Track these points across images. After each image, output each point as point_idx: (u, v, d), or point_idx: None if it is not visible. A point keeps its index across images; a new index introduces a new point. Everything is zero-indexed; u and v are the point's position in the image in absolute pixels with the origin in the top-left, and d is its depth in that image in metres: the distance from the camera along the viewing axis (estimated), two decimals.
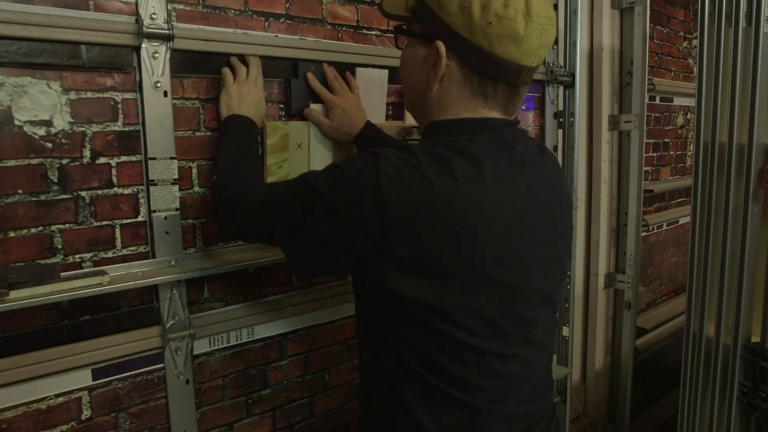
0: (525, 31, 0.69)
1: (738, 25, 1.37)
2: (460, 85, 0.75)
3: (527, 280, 0.75)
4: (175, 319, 1.10)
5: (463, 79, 0.74)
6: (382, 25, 1.36)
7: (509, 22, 0.68)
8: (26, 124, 0.93)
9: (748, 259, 1.39)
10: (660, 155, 2.57)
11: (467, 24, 0.69)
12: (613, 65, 2.16)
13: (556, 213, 0.79)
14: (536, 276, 0.76)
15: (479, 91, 0.74)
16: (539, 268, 0.76)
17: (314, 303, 1.31)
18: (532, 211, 0.74)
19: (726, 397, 1.46)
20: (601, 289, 2.26)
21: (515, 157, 0.74)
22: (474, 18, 0.69)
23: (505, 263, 0.71)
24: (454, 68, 0.74)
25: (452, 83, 0.75)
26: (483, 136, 0.74)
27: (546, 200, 0.77)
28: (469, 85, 0.74)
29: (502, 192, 0.70)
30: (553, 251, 0.79)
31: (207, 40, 1.06)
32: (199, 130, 1.11)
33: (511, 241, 0.71)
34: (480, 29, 0.69)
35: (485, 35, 0.69)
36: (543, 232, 0.76)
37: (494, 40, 0.69)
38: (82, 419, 1.04)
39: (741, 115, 1.39)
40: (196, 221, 1.13)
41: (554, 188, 0.79)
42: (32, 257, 0.96)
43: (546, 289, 0.79)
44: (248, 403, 1.26)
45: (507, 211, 0.71)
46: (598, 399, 2.34)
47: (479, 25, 0.69)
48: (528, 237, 0.74)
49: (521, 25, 0.69)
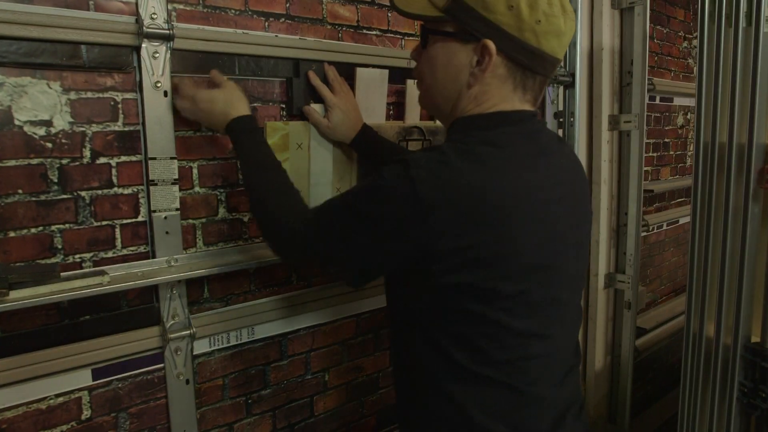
0: (565, 27, 0.75)
1: (738, 25, 1.37)
2: (502, 80, 0.78)
3: (561, 263, 0.79)
4: (175, 319, 1.10)
5: (506, 75, 0.78)
6: (382, 25, 1.36)
7: (555, 19, 0.74)
8: (26, 124, 0.93)
9: (748, 259, 1.39)
10: (660, 155, 2.57)
11: (516, 22, 0.73)
12: (613, 65, 2.16)
13: (579, 197, 0.84)
14: (568, 258, 0.80)
15: (520, 85, 0.79)
16: (570, 251, 0.80)
17: (314, 303, 1.31)
18: (559, 196, 0.78)
19: (726, 397, 1.46)
20: (601, 289, 2.26)
21: (541, 147, 0.78)
22: (523, 16, 0.73)
23: (541, 247, 0.75)
24: (499, 64, 0.77)
25: (494, 78, 0.78)
26: (511, 129, 0.77)
27: (570, 186, 0.81)
28: (512, 79, 0.78)
29: (533, 180, 0.74)
30: (580, 233, 0.84)
31: (207, 40, 1.06)
32: (199, 130, 1.11)
33: (545, 226, 0.75)
34: (529, 26, 0.73)
35: (534, 32, 0.73)
36: (570, 216, 0.80)
37: (542, 37, 0.74)
38: (82, 419, 1.04)
39: (741, 115, 1.39)
40: (196, 221, 1.13)
41: (575, 175, 0.84)
42: (32, 257, 0.96)
43: (576, 271, 0.84)
44: (248, 403, 1.26)
45: (538, 198, 0.74)
46: (598, 399, 2.34)
47: (528, 22, 0.73)
48: (558, 221, 0.77)
49: (562, 20, 0.74)
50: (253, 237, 1.22)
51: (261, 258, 1.15)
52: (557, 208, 0.77)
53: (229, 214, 1.18)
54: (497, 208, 0.70)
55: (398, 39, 1.40)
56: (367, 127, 1.20)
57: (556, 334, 0.80)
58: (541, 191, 0.75)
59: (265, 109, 1.18)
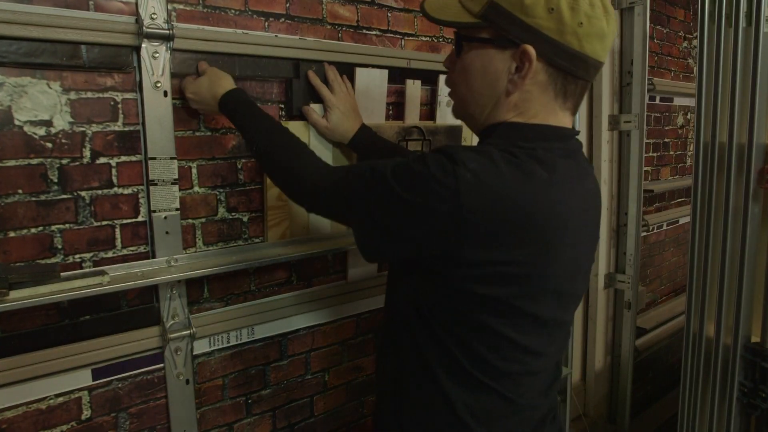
0: (608, 28, 0.72)
1: (738, 25, 1.37)
2: (543, 87, 0.74)
3: (573, 287, 0.78)
4: (175, 319, 1.10)
5: (547, 81, 0.74)
6: (382, 25, 1.36)
7: (597, 21, 0.70)
8: (26, 124, 0.93)
9: (748, 259, 1.39)
10: (660, 155, 2.57)
11: (557, 26, 0.70)
12: (613, 65, 2.16)
13: (598, 224, 0.83)
14: (578, 282, 0.79)
15: (561, 91, 0.75)
16: (581, 275, 0.80)
17: (314, 303, 1.31)
18: (588, 222, 0.77)
19: (726, 397, 1.46)
20: (601, 289, 2.26)
21: (578, 169, 0.76)
22: (564, 19, 0.69)
23: (568, 272, 0.74)
24: (539, 70, 0.73)
25: (534, 85, 0.74)
26: (555, 145, 0.74)
27: (596, 213, 0.81)
28: (553, 85, 0.74)
29: (573, 203, 0.72)
30: (590, 258, 0.83)
31: (207, 40, 1.06)
32: (199, 130, 1.11)
33: (575, 252, 0.74)
34: (571, 29, 0.70)
35: (576, 35, 0.70)
36: (589, 242, 0.80)
37: (584, 39, 0.70)
38: (82, 419, 1.04)
39: (741, 115, 1.39)
40: (196, 221, 1.13)
41: (599, 201, 0.83)
42: (32, 257, 0.96)
43: (580, 293, 0.83)
44: (248, 403, 1.26)
45: (576, 222, 0.73)
46: (598, 399, 2.34)
47: (570, 25, 0.69)
48: (582, 246, 0.77)
49: (604, 22, 0.71)
50: (252, 237, 1.22)
51: (261, 258, 1.15)
52: (585, 232, 0.77)
53: (229, 214, 1.18)
54: (539, 228, 0.68)
55: (398, 39, 1.40)
56: (365, 127, 1.19)
57: (550, 352, 0.81)
58: (579, 214, 0.74)
59: (264, 109, 1.18)
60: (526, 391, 0.80)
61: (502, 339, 0.74)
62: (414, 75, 1.37)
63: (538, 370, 0.80)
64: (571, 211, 0.72)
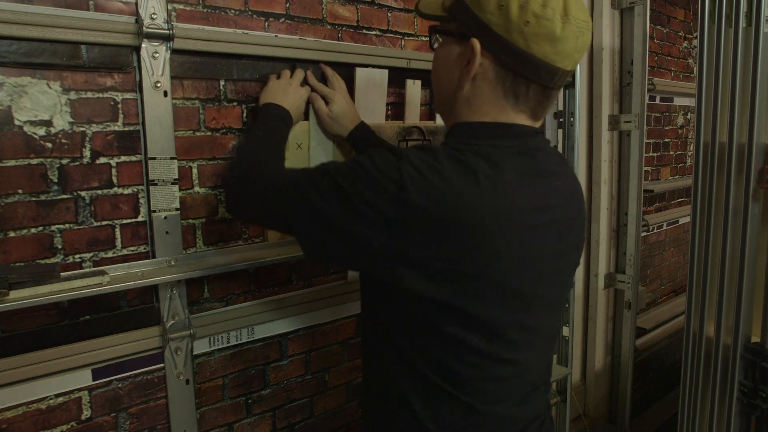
0: (562, 32, 0.69)
1: (738, 26, 1.37)
2: (492, 85, 0.74)
3: (536, 289, 0.75)
4: (175, 319, 1.10)
5: (496, 79, 0.74)
6: (382, 25, 1.36)
7: (547, 22, 0.68)
8: (26, 124, 0.93)
9: (748, 259, 1.39)
10: (660, 155, 2.57)
11: (504, 22, 0.69)
12: (613, 65, 2.16)
13: (572, 225, 0.79)
14: (544, 285, 0.77)
15: (511, 92, 0.74)
16: (548, 278, 0.77)
17: (314, 303, 1.31)
18: (549, 221, 0.74)
19: (726, 397, 1.46)
20: (601, 289, 2.26)
21: (536, 167, 0.74)
22: (512, 16, 0.69)
23: (519, 272, 0.72)
24: (488, 67, 0.73)
25: (484, 82, 0.75)
26: (507, 143, 0.74)
27: (563, 212, 0.77)
28: (502, 84, 0.74)
29: (522, 201, 0.71)
30: (563, 261, 0.80)
31: (207, 40, 1.06)
32: (199, 130, 1.11)
33: (527, 251, 0.72)
34: (517, 28, 0.69)
35: (522, 34, 0.69)
36: (556, 242, 0.77)
37: (531, 39, 0.69)
38: (82, 419, 1.04)
39: (741, 115, 1.39)
40: (196, 221, 1.13)
41: (572, 200, 0.80)
42: (32, 257, 0.96)
43: (553, 297, 0.80)
44: (248, 403, 1.26)
45: (525, 221, 0.71)
46: (598, 399, 2.34)
47: (516, 23, 0.69)
48: (542, 247, 0.74)
49: (558, 25, 0.69)
50: (253, 237, 1.22)
51: (261, 258, 1.15)
52: (544, 232, 0.74)
53: (229, 214, 1.18)
54: (480, 225, 0.67)
55: (398, 39, 1.40)
56: (364, 124, 1.20)
57: (523, 359, 0.78)
58: (530, 213, 0.72)
59: None
60: (496, 400, 0.77)
61: (451, 341, 0.72)
62: (414, 75, 1.37)
63: (504, 376, 0.77)
64: (519, 209, 0.70)
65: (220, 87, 1.13)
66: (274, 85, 1.10)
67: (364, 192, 0.68)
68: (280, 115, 1.04)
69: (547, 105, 0.77)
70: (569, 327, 1.84)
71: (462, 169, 0.67)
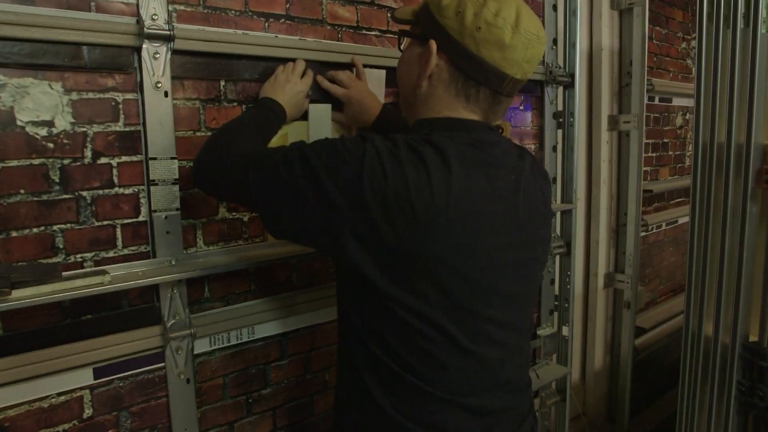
0: (511, 41, 0.76)
1: (736, 27, 1.37)
2: (446, 85, 0.81)
3: (488, 279, 0.78)
4: (176, 318, 1.10)
5: (449, 79, 0.80)
6: (381, 25, 1.37)
7: (497, 30, 0.75)
8: (28, 125, 0.94)
9: (746, 259, 1.39)
10: (659, 155, 2.58)
11: (459, 27, 0.77)
12: (613, 66, 2.17)
13: (528, 219, 0.81)
14: (500, 277, 0.79)
15: (462, 92, 0.80)
16: (505, 270, 0.79)
17: (314, 303, 1.31)
18: (498, 212, 0.77)
19: (724, 395, 1.47)
20: (601, 288, 2.26)
21: (486, 158, 0.78)
22: (466, 22, 0.76)
23: (465, 258, 0.74)
24: (443, 67, 0.80)
25: (439, 82, 0.81)
26: (456, 134, 0.78)
27: (516, 205, 0.79)
28: (455, 84, 0.80)
29: (467, 188, 0.74)
30: (523, 255, 0.82)
31: (207, 41, 1.07)
32: (199, 130, 1.12)
33: (474, 238, 0.75)
34: (469, 32, 0.76)
35: (473, 38, 0.76)
36: (510, 235, 0.79)
37: (481, 44, 0.76)
38: (84, 418, 1.04)
39: (739, 115, 1.39)
40: (196, 221, 1.14)
41: (529, 195, 0.82)
42: (34, 257, 0.97)
43: (514, 291, 0.82)
44: (249, 402, 1.27)
45: (470, 207, 0.74)
46: (598, 398, 2.34)
47: (469, 28, 0.76)
48: (492, 237, 0.77)
49: (508, 34, 0.75)
50: (253, 237, 1.22)
51: (261, 258, 1.16)
52: (492, 222, 0.76)
53: (230, 214, 1.18)
54: (425, 206, 0.70)
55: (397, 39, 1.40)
56: (386, 108, 1.21)
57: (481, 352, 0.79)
58: (476, 200, 0.74)
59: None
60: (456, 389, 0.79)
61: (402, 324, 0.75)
62: None
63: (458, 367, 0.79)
64: (463, 196, 0.72)
65: (221, 87, 1.13)
66: (273, 81, 1.12)
67: (327, 162, 0.73)
68: (273, 108, 1.06)
69: (499, 110, 0.83)
70: (569, 326, 1.85)
71: (414, 156, 0.72)
